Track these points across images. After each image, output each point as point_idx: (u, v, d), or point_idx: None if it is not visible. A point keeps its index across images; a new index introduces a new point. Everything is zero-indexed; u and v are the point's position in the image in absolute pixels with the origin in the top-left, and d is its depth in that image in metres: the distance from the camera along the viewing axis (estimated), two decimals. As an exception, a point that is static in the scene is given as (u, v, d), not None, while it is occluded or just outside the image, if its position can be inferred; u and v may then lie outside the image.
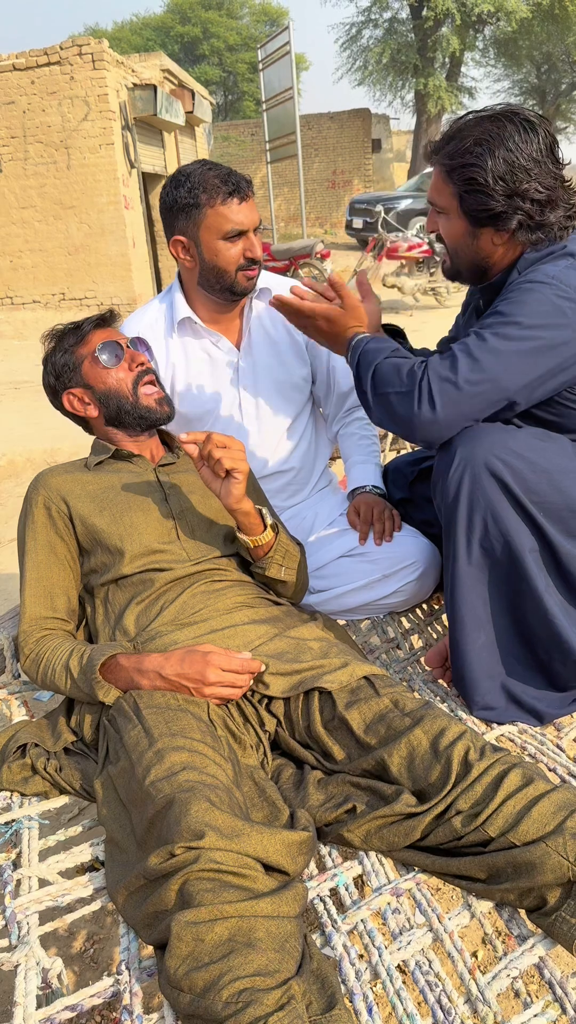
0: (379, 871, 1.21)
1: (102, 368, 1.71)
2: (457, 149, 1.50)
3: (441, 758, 1.24)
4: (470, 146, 1.48)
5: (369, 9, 25.46)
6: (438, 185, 1.58)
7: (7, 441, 5.82)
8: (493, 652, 1.57)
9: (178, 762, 1.20)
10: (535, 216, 1.49)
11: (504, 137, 1.46)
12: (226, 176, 1.83)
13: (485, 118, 1.51)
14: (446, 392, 1.43)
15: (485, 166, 1.46)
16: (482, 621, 1.56)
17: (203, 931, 0.98)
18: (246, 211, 1.86)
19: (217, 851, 1.04)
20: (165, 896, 1.04)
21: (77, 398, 1.73)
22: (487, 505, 1.49)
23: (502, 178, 1.46)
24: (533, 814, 1.13)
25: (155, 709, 1.34)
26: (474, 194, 1.50)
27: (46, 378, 1.76)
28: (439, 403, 1.43)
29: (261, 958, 0.96)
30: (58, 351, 1.74)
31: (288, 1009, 0.90)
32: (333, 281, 1.72)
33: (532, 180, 1.46)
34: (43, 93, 11.22)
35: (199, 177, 1.82)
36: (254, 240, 1.90)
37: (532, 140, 1.47)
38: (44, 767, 1.45)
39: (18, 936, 1.14)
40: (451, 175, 1.53)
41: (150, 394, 1.73)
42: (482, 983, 1.02)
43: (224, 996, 0.91)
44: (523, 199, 1.47)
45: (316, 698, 1.43)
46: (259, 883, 1.06)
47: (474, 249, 1.59)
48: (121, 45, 31.25)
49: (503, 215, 1.50)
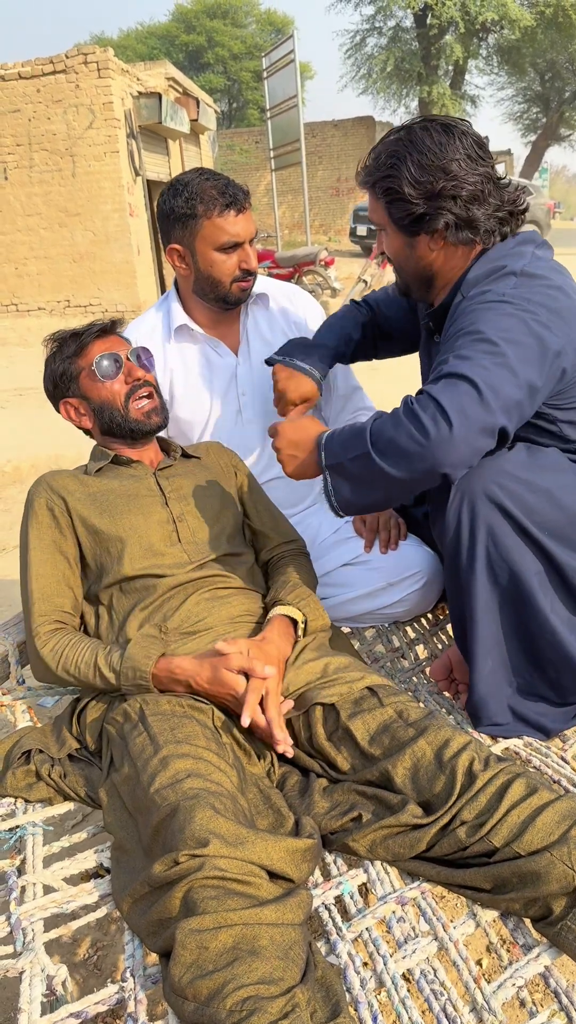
0: (384, 879, 1.21)
1: (97, 380, 1.70)
2: (374, 165, 1.54)
3: (446, 769, 1.24)
4: (384, 159, 1.52)
5: (373, 17, 25.58)
6: (371, 204, 1.61)
7: (12, 447, 5.83)
8: (500, 676, 1.56)
9: (183, 769, 1.20)
10: (460, 214, 1.50)
11: (414, 143, 1.49)
12: (223, 187, 1.83)
13: (398, 132, 1.55)
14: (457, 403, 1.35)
15: (399, 174, 1.49)
16: (489, 647, 1.55)
17: (207, 939, 0.98)
18: (242, 223, 1.86)
19: (221, 858, 1.04)
20: (169, 904, 1.04)
21: (73, 408, 1.74)
22: (488, 533, 1.48)
23: (417, 182, 1.48)
24: (538, 824, 1.13)
25: (160, 716, 1.34)
26: (396, 203, 1.52)
27: (46, 384, 1.77)
28: (454, 417, 1.34)
29: (265, 966, 0.96)
30: (57, 359, 1.74)
31: (292, 1017, 0.90)
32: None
33: (449, 179, 1.47)
34: (48, 101, 11.29)
35: (196, 187, 1.83)
36: (249, 251, 1.90)
37: (447, 142, 1.48)
38: (48, 773, 1.45)
39: (23, 943, 1.14)
40: (375, 190, 1.56)
41: (141, 408, 1.71)
42: (487, 992, 1.02)
43: (228, 1004, 0.91)
44: (443, 199, 1.49)
45: (319, 709, 1.43)
46: (263, 890, 1.06)
47: (414, 259, 1.60)
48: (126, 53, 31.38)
49: (427, 217, 1.51)
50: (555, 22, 23.06)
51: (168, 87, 13.73)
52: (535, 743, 1.55)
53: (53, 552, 1.62)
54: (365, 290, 10.08)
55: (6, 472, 5.34)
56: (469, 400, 1.35)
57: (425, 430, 1.34)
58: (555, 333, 1.42)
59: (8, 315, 12.44)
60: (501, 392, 1.37)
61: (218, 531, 1.70)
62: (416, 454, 1.36)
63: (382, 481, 1.42)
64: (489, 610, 1.53)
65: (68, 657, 1.51)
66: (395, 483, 1.41)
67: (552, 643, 1.52)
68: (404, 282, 1.69)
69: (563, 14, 22.60)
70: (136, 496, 1.66)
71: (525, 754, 1.50)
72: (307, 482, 2.15)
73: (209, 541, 1.68)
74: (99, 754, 1.48)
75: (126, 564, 1.59)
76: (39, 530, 1.63)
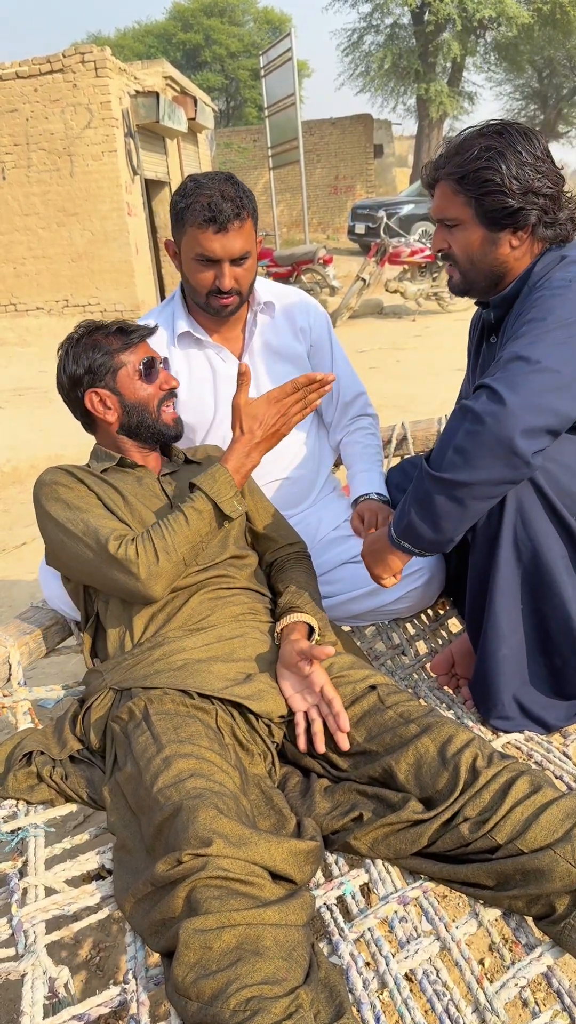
0: (386, 879, 1.21)
1: (140, 380, 1.72)
2: (466, 158, 1.55)
3: (449, 765, 1.24)
4: (479, 152, 1.53)
5: (371, 15, 25.55)
6: (447, 198, 1.61)
7: (11, 447, 5.83)
8: (512, 664, 1.55)
9: (185, 769, 1.20)
10: (549, 211, 1.55)
11: (510, 142, 1.53)
12: (216, 202, 1.78)
13: (485, 131, 1.57)
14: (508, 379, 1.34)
15: (499, 167, 1.51)
16: (505, 633, 1.54)
17: (211, 939, 0.98)
18: (221, 242, 1.82)
19: (224, 858, 1.04)
20: (172, 903, 1.04)
21: (100, 400, 1.71)
22: (517, 510, 1.47)
23: (516, 176, 1.51)
24: (541, 821, 1.13)
25: (164, 715, 1.34)
26: (492, 195, 1.53)
27: (72, 367, 1.71)
28: (504, 391, 1.32)
29: (269, 966, 0.95)
30: (97, 349, 1.71)
31: (296, 1018, 0.90)
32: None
33: (542, 177, 1.53)
34: (46, 101, 11.28)
35: (194, 192, 1.81)
36: (226, 271, 1.86)
37: (534, 144, 1.54)
38: (50, 775, 1.45)
39: (25, 945, 1.14)
40: (463, 183, 1.56)
41: (169, 413, 1.76)
42: (490, 992, 1.02)
43: (232, 1004, 0.91)
44: (537, 195, 1.53)
45: None
46: (266, 891, 1.06)
47: (493, 256, 1.61)
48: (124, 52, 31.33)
49: (521, 212, 1.54)
50: (552, 19, 23.05)
51: (166, 86, 13.72)
52: (537, 738, 1.55)
53: (93, 500, 1.61)
54: (363, 288, 10.08)
55: (5, 472, 5.33)
56: (522, 374, 1.34)
57: (477, 415, 1.33)
58: None
59: (7, 315, 12.43)
60: (563, 368, 1.35)
61: (222, 535, 1.70)
62: (477, 437, 1.33)
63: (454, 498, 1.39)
64: (509, 591, 1.52)
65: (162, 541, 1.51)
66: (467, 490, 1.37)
67: (565, 629, 1.51)
68: (469, 280, 1.68)
69: (561, 11, 22.58)
70: (141, 498, 1.67)
71: (527, 749, 1.50)
72: (307, 483, 2.16)
73: (214, 545, 1.68)
74: (102, 753, 1.48)
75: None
76: (59, 499, 1.59)
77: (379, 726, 1.36)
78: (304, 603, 1.64)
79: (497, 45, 26.14)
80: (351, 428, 2.22)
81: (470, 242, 1.62)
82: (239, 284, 1.90)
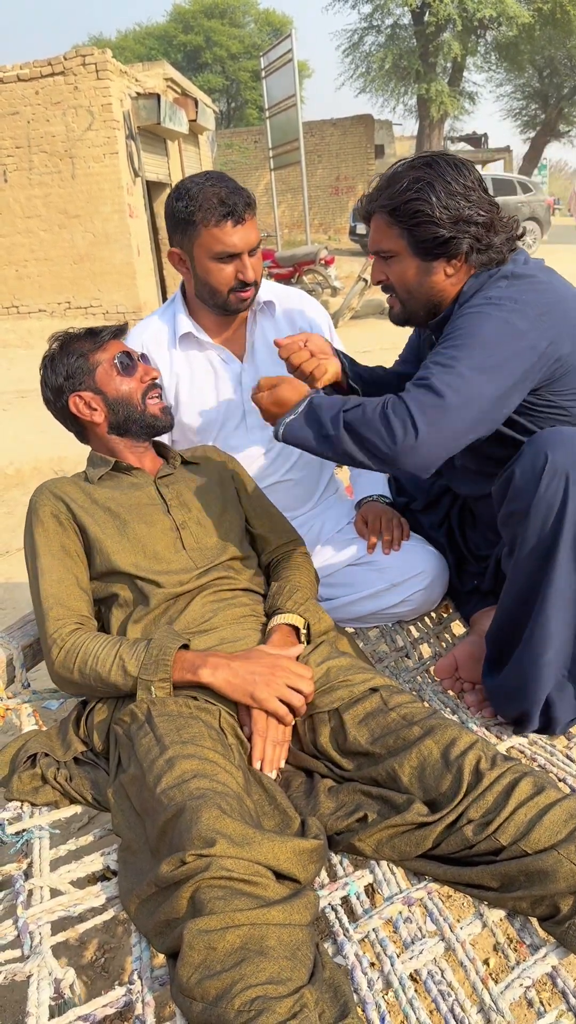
0: (390, 880, 1.21)
1: (118, 375, 1.73)
2: (396, 190, 1.58)
3: (452, 768, 1.24)
4: (408, 184, 1.56)
5: (371, 15, 25.53)
6: (381, 231, 1.64)
7: (14, 450, 5.84)
8: (552, 669, 1.51)
9: (189, 770, 1.20)
10: (482, 239, 1.58)
11: (439, 173, 1.56)
12: (225, 196, 1.79)
13: (416, 163, 1.60)
14: (428, 414, 1.42)
15: (428, 198, 1.54)
16: (553, 639, 1.49)
17: (215, 939, 0.98)
18: (241, 233, 1.83)
19: (228, 859, 1.04)
20: (177, 904, 1.04)
21: (85, 402, 1.72)
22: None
23: (445, 206, 1.54)
24: (545, 822, 1.13)
25: (167, 716, 1.34)
26: (423, 225, 1.56)
27: (52, 378, 1.74)
28: (422, 427, 1.42)
29: (273, 966, 0.96)
30: (71, 354, 1.73)
31: (301, 1017, 0.90)
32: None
33: (472, 206, 1.56)
34: (47, 103, 11.30)
35: (198, 192, 1.81)
36: (247, 263, 1.88)
37: (464, 175, 1.57)
38: (54, 777, 1.45)
39: (30, 946, 1.15)
40: (395, 215, 1.59)
41: (156, 404, 1.76)
42: (495, 992, 1.02)
43: (236, 1004, 0.91)
44: (468, 223, 1.56)
45: (322, 713, 1.43)
46: (270, 891, 1.06)
47: (428, 286, 1.64)
48: (124, 54, 31.38)
49: (453, 241, 1.56)
50: (553, 18, 23.02)
51: (166, 87, 13.73)
52: (540, 741, 1.55)
53: (63, 556, 1.60)
54: (365, 288, 10.08)
55: (8, 474, 5.34)
56: (437, 409, 1.42)
57: (394, 435, 1.43)
58: (545, 325, 1.48)
59: (9, 317, 12.45)
60: (472, 398, 1.43)
61: (221, 536, 1.70)
62: (382, 455, 1.46)
63: (339, 455, 1.53)
64: (563, 598, 1.47)
65: (88, 650, 1.47)
66: (351, 461, 1.52)
67: None
68: (409, 309, 1.71)
69: (561, 10, 22.55)
70: (138, 506, 1.66)
71: (530, 752, 1.50)
72: (309, 485, 2.16)
73: (213, 547, 1.68)
74: (106, 756, 1.48)
75: (132, 574, 1.58)
76: (47, 536, 1.61)
77: (382, 728, 1.36)
78: (289, 602, 1.62)
79: (498, 45, 26.09)
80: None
81: (406, 273, 1.64)
82: (256, 275, 1.93)
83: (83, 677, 1.47)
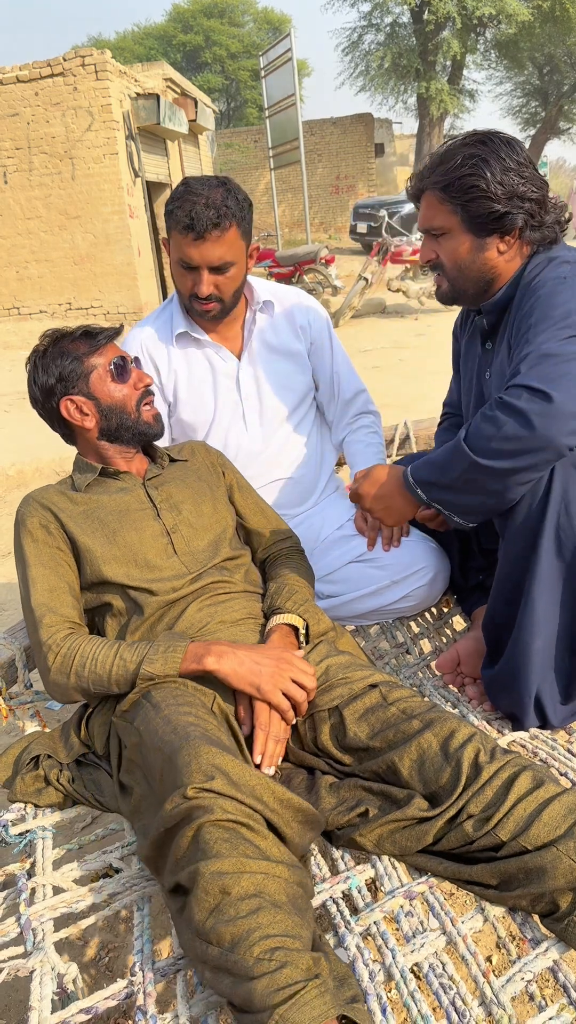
0: (392, 874, 1.21)
1: (112, 381, 1.68)
2: (450, 167, 1.58)
3: (451, 760, 1.25)
4: (463, 160, 1.56)
5: (370, 14, 25.51)
6: (433, 208, 1.63)
7: (16, 451, 5.85)
8: (542, 657, 1.53)
9: (185, 723, 1.23)
10: (535, 215, 1.57)
11: (493, 149, 1.56)
12: (194, 210, 1.78)
13: (468, 140, 1.60)
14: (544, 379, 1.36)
15: (483, 173, 1.54)
16: (541, 626, 1.51)
17: (229, 883, 0.99)
18: (199, 249, 1.82)
19: (227, 799, 1.07)
20: (181, 842, 1.06)
21: (76, 406, 1.67)
22: (562, 498, 1.45)
23: (500, 182, 1.54)
24: (544, 817, 1.13)
25: (163, 689, 1.37)
26: (477, 201, 1.56)
27: (43, 378, 1.68)
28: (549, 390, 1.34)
29: (288, 920, 0.98)
30: (66, 355, 1.67)
31: (321, 980, 0.92)
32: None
33: (526, 182, 1.56)
34: (47, 104, 11.30)
35: (179, 196, 1.82)
36: (203, 278, 1.87)
37: (517, 151, 1.57)
38: (57, 778, 1.46)
39: (33, 943, 1.15)
40: (448, 192, 1.59)
41: (149, 411, 1.72)
42: (496, 986, 1.02)
43: (256, 952, 0.93)
44: (522, 200, 1.56)
45: (322, 711, 1.43)
46: (268, 841, 1.08)
47: (481, 262, 1.63)
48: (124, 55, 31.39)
49: (507, 216, 1.56)
50: (552, 16, 22.99)
51: (166, 88, 13.73)
52: (542, 735, 1.55)
53: (55, 565, 1.58)
54: (366, 288, 10.08)
55: (10, 475, 5.35)
56: (559, 370, 1.37)
57: (524, 413, 1.36)
58: None
59: (10, 319, 12.46)
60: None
61: (213, 537, 1.69)
62: (525, 438, 1.37)
63: (497, 482, 1.45)
64: (548, 582, 1.49)
65: (85, 653, 1.44)
66: (511, 478, 1.43)
67: None
68: (458, 288, 1.70)
69: (560, 8, 22.51)
70: (127, 511, 1.64)
71: (531, 747, 1.51)
72: (309, 482, 2.16)
73: (205, 549, 1.66)
74: (107, 758, 1.48)
75: (124, 583, 1.56)
76: (36, 546, 1.59)
77: (382, 722, 1.37)
78: (288, 602, 1.62)
79: (497, 43, 26.06)
80: (354, 426, 2.22)
81: (458, 249, 1.64)
82: (220, 292, 1.91)
83: (80, 680, 1.44)
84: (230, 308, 1.98)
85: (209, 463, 1.85)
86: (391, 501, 1.77)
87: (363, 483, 1.81)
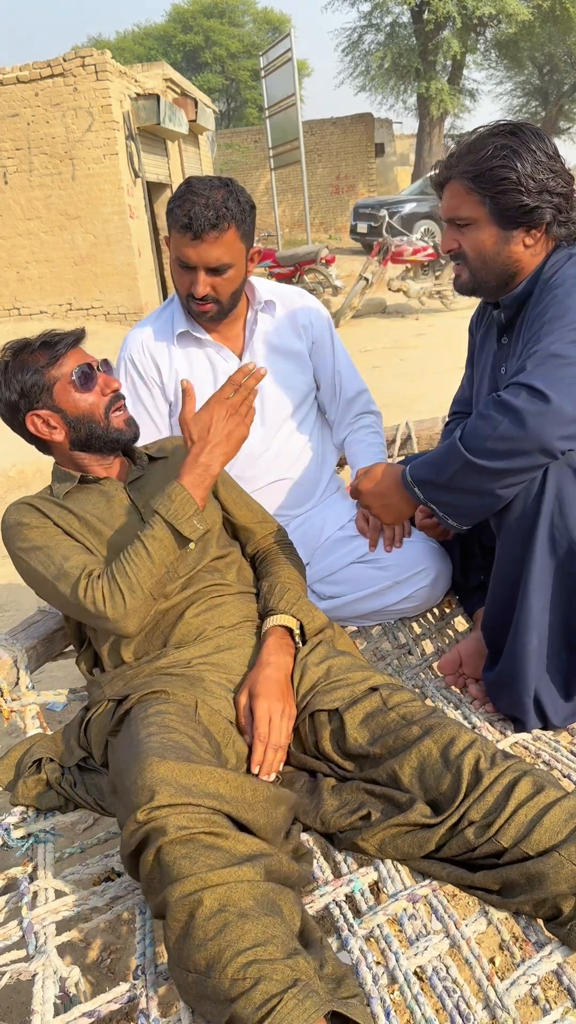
0: (395, 877, 1.21)
1: (76, 391, 1.60)
2: (480, 157, 1.55)
3: (452, 767, 1.24)
4: (494, 151, 1.53)
5: (370, 14, 25.51)
6: (459, 197, 1.61)
7: (16, 452, 5.83)
8: (538, 656, 1.53)
9: (144, 735, 1.21)
10: (563, 210, 1.56)
11: (524, 141, 1.53)
12: (193, 209, 1.77)
13: (498, 130, 1.57)
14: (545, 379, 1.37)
15: (514, 166, 1.52)
16: (536, 625, 1.51)
17: (192, 904, 0.98)
18: (196, 249, 1.82)
19: (181, 813, 1.05)
20: (145, 866, 1.05)
21: (43, 420, 1.61)
22: (556, 498, 1.45)
23: (531, 175, 1.52)
24: (545, 823, 1.13)
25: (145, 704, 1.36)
26: (508, 193, 1.54)
27: (6, 394, 1.60)
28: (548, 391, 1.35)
29: (256, 927, 0.95)
30: (26, 369, 1.59)
31: (301, 986, 0.90)
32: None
33: (556, 176, 1.54)
34: (47, 105, 11.29)
35: (180, 194, 1.82)
36: (199, 279, 1.86)
37: (547, 145, 1.55)
38: (59, 782, 1.45)
39: (35, 946, 1.15)
40: (477, 182, 1.56)
41: (119, 417, 1.65)
42: (500, 989, 1.02)
43: (229, 973, 0.91)
44: (552, 194, 1.54)
45: (323, 714, 1.43)
46: (232, 839, 1.07)
47: (505, 255, 1.61)
48: (124, 55, 31.36)
49: (536, 211, 1.55)
50: (552, 16, 22.98)
51: (166, 88, 13.72)
52: (545, 737, 1.54)
53: (61, 537, 1.55)
54: (366, 288, 10.07)
55: (11, 476, 5.35)
56: (562, 372, 1.37)
57: (519, 412, 1.37)
58: None
59: (10, 319, 12.45)
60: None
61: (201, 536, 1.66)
62: (518, 438, 1.38)
63: (490, 482, 1.45)
64: (542, 581, 1.49)
65: (120, 571, 1.45)
66: (504, 479, 1.44)
67: None
68: (479, 279, 1.68)
69: (560, 7, 22.51)
70: (112, 518, 1.61)
71: (534, 748, 1.50)
72: (310, 483, 2.16)
73: (192, 551, 1.60)
74: (105, 765, 1.48)
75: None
76: (33, 530, 1.55)
77: (382, 728, 1.36)
78: (281, 602, 1.61)
79: (497, 42, 26.06)
80: (355, 426, 2.22)
81: (483, 241, 1.61)
82: (216, 293, 1.90)
83: (133, 595, 1.45)
84: (228, 310, 1.97)
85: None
86: (389, 499, 1.76)
87: (363, 480, 1.81)
